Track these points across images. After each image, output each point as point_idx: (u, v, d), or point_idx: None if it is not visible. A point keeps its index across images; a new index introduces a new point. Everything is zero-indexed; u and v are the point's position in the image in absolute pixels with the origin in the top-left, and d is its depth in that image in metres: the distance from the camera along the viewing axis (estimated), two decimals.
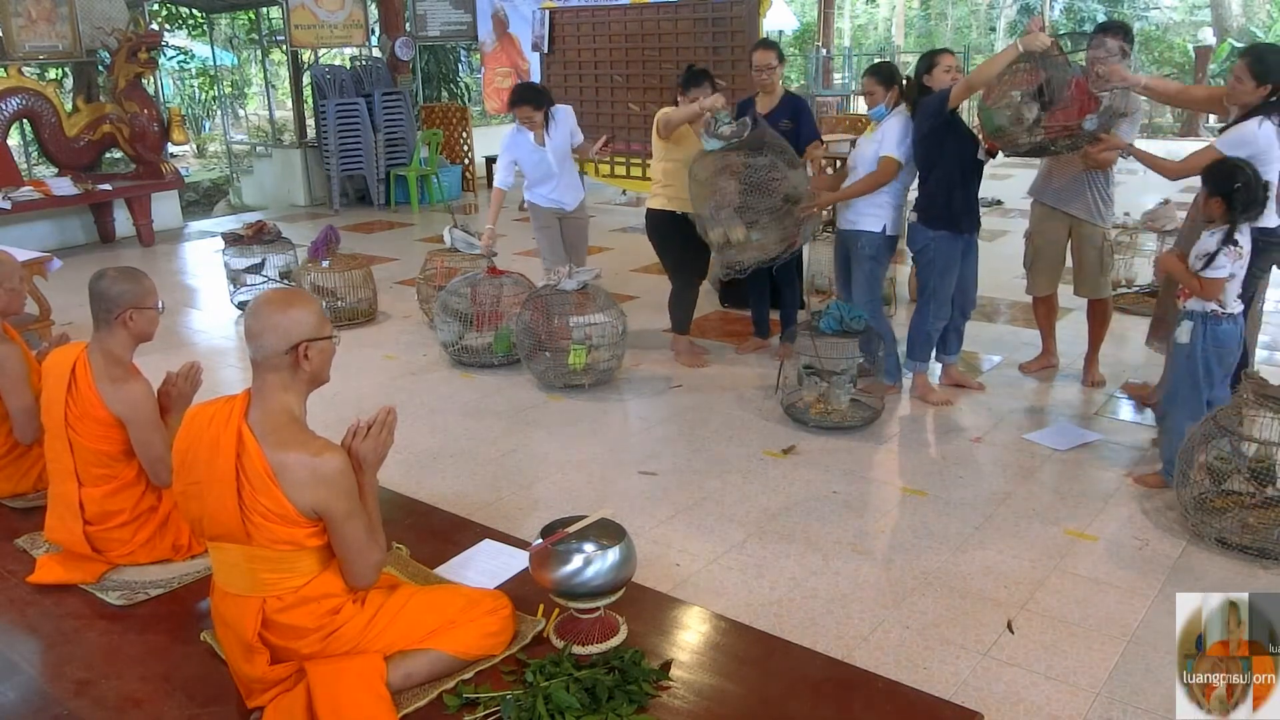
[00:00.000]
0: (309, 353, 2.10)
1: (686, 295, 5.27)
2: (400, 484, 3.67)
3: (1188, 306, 3.58)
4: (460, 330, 5.36)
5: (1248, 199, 3.44)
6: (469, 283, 5.33)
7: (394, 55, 11.00)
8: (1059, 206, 4.61)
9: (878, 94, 4.52)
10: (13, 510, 3.12)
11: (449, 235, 5.93)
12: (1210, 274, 3.45)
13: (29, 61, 9.00)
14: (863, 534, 3.48)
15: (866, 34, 26.66)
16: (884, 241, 4.58)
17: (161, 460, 2.69)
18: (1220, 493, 3.42)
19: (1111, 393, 4.77)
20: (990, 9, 25.03)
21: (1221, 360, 3.57)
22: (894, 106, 4.51)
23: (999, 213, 9.57)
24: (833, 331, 4.33)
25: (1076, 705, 2.56)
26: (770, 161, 4.61)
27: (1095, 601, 3.03)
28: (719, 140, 4.61)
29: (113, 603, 2.59)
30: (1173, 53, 20.85)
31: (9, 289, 3.19)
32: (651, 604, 2.51)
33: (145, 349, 2.81)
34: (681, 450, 4.23)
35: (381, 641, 2.16)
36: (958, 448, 4.21)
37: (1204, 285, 3.47)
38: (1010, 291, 6.58)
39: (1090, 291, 4.71)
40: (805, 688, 2.17)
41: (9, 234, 7.91)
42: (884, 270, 4.78)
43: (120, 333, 2.71)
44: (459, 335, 5.37)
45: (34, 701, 2.23)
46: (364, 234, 9.41)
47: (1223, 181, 3.46)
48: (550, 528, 2.36)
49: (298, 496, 2.03)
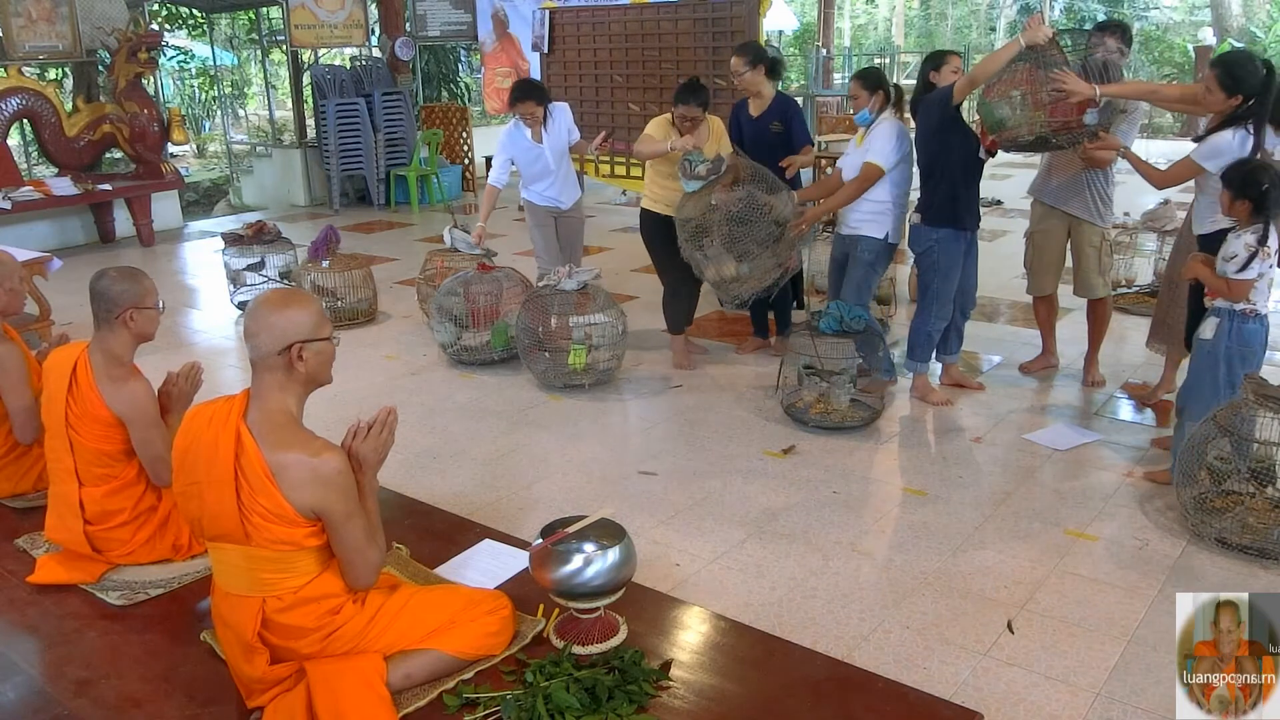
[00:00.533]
0: (303, 354, 2.09)
1: (679, 295, 5.23)
2: (400, 484, 3.67)
3: (1216, 304, 3.56)
4: (457, 332, 5.37)
5: (1278, 197, 3.41)
6: (461, 282, 5.34)
7: (394, 55, 11.00)
8: (1058, 205, 4.61)
9: (862, 98, 4.53)
10: (13, 510, 3.12)
11: (449, 235, 5.92)
12: (1242, 276, 3.44)
13: (29, 61, 9.00)
14: (863, 534, 3.48)
15: (866, 34, 26.66)
16: (884, 248, 4.60)
17: (161, 459, 2.69)
18: (1220, 493, 3.42)
19: (1111, 393, 4.77)
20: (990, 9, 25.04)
21: (1245, 360, 3.52)
22: (879, 112, 4.52)
23: (999, 213, 9.57)
24: (833, 331, 4.33)
25: (1076, 705, 2.56)
26: (748, 193, 4.61)
27: (1095, 601, 3.03)
28: (698, 180, 4.64)
29: (113, 603, 2.59)
30: (1173, 53, 20.86)
31: (9, 289, 3.19)
32: (651, 604, 2.51)
33: (145, 349, 2.81)
34: (681, 450, 4.23)
35: (381, 641, 2.16)
36: (958, 448, 4.21)
37: (1233, 287, 3.45)
38: (1010, 291, 6.58)
39: (1087, 291, 4.71)
40: (805, 688, 2.17)
41: (9, 234, 7.90)
42: (879, 277, 4.78)
43: (121, 332, 2.71)
44: (456, 336, 5.38)
45: (34, 701, 2.23)
46: (364, 234, 9.41)
47: (1249, 185, 3.43)
48: (550, 528, 2.36)
49: (296, 497, 2.03)
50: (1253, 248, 3.40)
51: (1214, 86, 3.73)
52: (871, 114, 4.52)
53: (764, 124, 5.03)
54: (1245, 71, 3.69)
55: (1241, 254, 3.41)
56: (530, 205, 5.50)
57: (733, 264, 4.66)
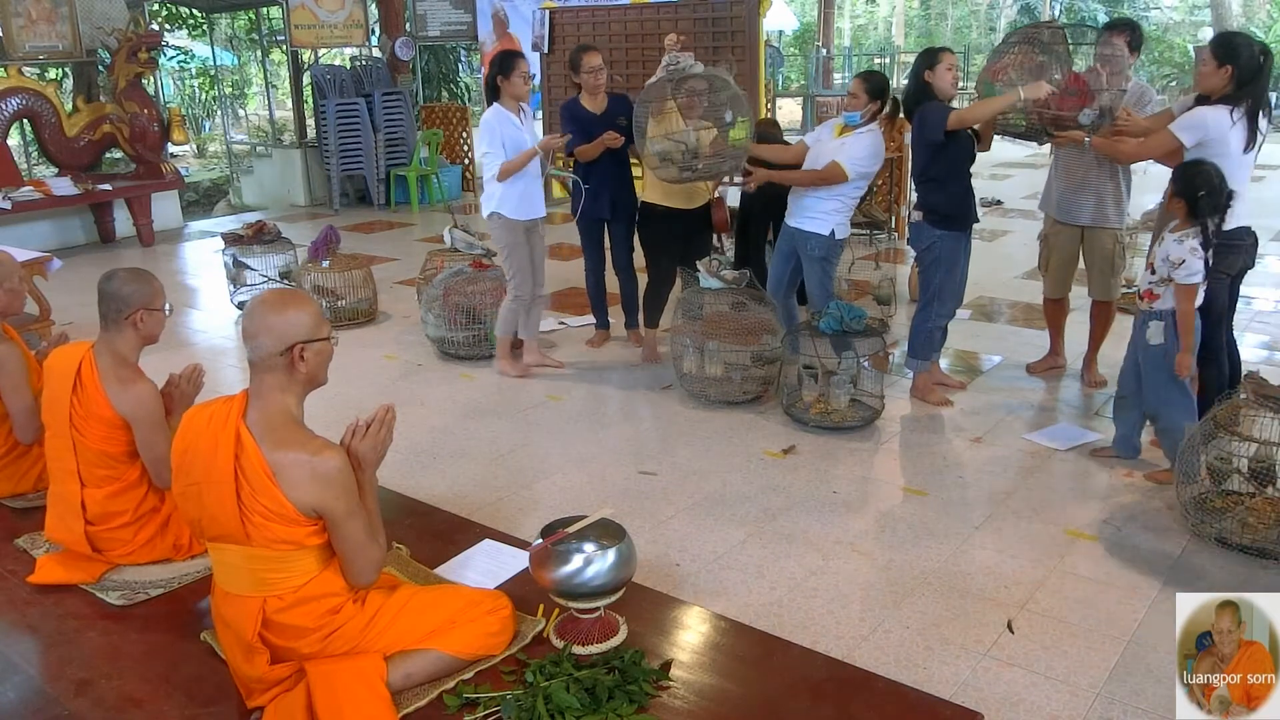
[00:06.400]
0: (305, 354, 2.10)
1: (664, 283, 5.25)
2: (400, 484, 3.67)
3: (1155, 307, 3.63)
4: (448, 328, 5.40)
5: (1211, 205, 3.49)
6: (454, 276, 5.35)
7: (394, 55, 11.00)
8: (1064, 220, 4.62)
9: (860, 99, 4.51)
10: (13, 510, 3.12)
11: (449, 235, 5.93)
12: (1186, 280, 3.49)
13: (29, 61, 9.00)
14: (863, 534, 3.48)
15: (866, 34, 26.68)
16: (832, 244, 4.62)
17: (164, 461, 2.68)
18: (1220, 493, 3.42)
19: (1111, 393, 4.76)
20: (990, 9, 25.06)
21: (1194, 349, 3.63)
22: (869, 121, 4.52)
23: (999, 213, 9.57)
24: (832, 332, 4.33)
25: (1076, 705, 2.56)
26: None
27: (1095, 601, 3.03)
28: (719, 281, 4.67)
29: (113, 603, 2.58)
30: (1173, 53, 20.87)
31: (9, 289, 3.19)
32: (651, 604, 2.51)
33: (146, 349, 2.81)
34: (681, 450, 4.23)
35: (382, 641, 2.16)
36: (958, 448, 4.21)
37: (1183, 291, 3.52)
38: (1010, 291, 6.58)
39: (1101, 293, 4.71)
40: (805, 688, 2.17)
41: (9, 234, 7.90)
42: (834, 268, 4.79)
43: (129, 333, 2.71)
44: (448, 331, 5.42)
45: (34, 701, 2.23)
46: (364, 234, 9.41)
47: (1187, 186, 3.51)
48: (550, 528, 2.36)
49: (297, 496, 2.03)
50: (1198, 252, 3.47)
51: (1208, 57, 3.72)
52: (861, 118, 4.51)
53: (611, 117, 5.06)
54: (1239, 43, 3.69)
55: (1191, 260, 3.47)
56: (507, 223, 4.84)
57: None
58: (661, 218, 5.11)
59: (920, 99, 4.33)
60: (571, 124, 5.10)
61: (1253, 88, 3.65)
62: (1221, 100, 3.68)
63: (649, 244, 5.28)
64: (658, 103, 4.81)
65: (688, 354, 4.76)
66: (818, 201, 4.57)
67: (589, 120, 5.09)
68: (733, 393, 4.69)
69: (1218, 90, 3.70)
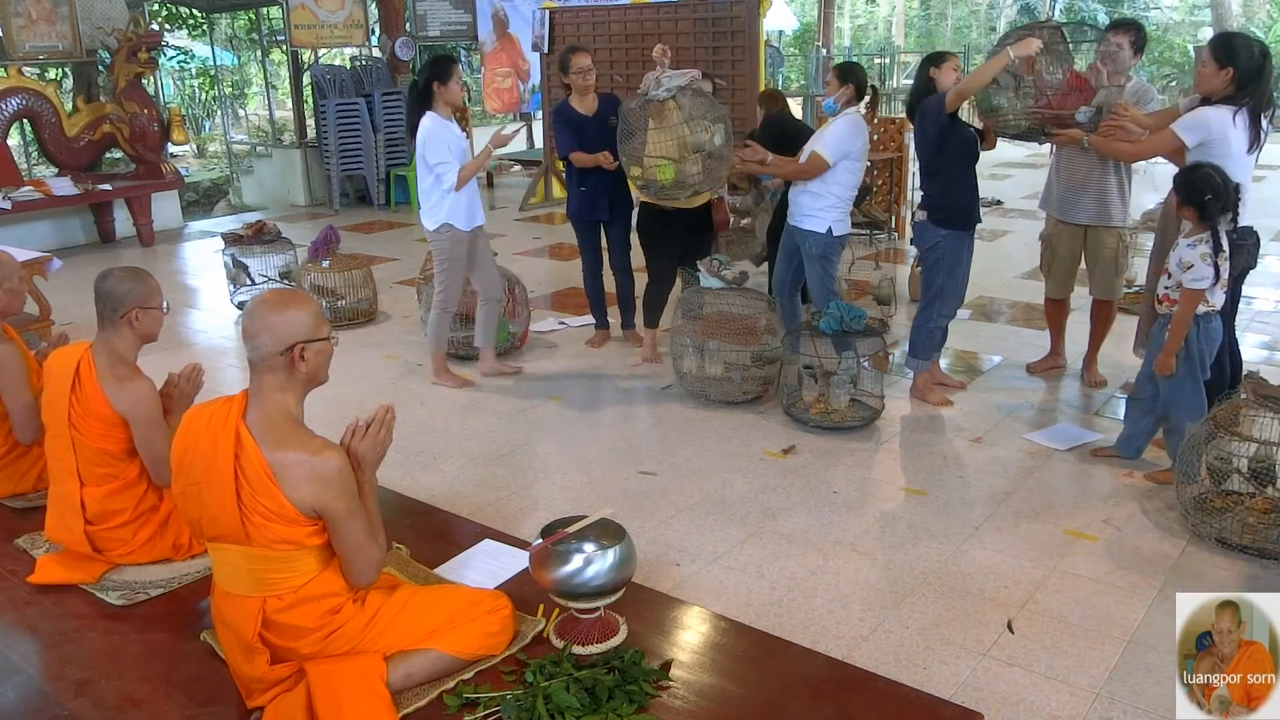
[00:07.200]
0: (305, 354, 2.10)
1: (663, 283, 5.26)
2: (400, 484, 3.67)
3: (1172, 312, 3.61)
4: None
5: (1221, 206, 3.49)
6: None
7: (394, 55, 11.00)
8: (1065, 219, 4.62)
9: (834, 85, 4.56)
10: (13, 510, 3.12)
11: None
12: (1192, 284, 3.49)
13: (29, 61, 9.00)
14: (863, 534, 3.48)
15: (866, 34, 26.67)
16: (830, 241, 4.62)
17: (163, 459, 2.68)
18: (1220, 493, 3.42)
19: (1111, 393, 4.77)
20: (990, 9, 25.06)
21: (1212, 352, 3.66)
22: (845, 106, 4.53)
23: (999, 213, 9.57)
24: (833, 332, 4.33)
25: (1076, 705, 2.56)
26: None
27: (1095, 601, 3.03)
28: (719, 280, 4.68)
29: (113, 603, 2.58)
30: (1173, 53, 20.87)
31: (9, 289, 3.19)
32: (651, 604, 2.51)
33: (146, 348, 2.81)
34: (681, 450, 4.23)
35: (382, 641, 2.16)
36: (958, 448, 4.21)
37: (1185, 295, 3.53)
38: (1010, 291, 6.58)
39: (1104, 293, 4.71)
40: (805, 688, 2.17)
41: (9, 234, 7.90)
42: (835, 267, 4.79)
43: (125, 332, 2.71)
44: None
45: (34, 701, 2.23)
46: (364, 234, 9.41)
47: (1191, 192, 3.51)
48: (550, 528, 2.36)
49: (297, 496, 2.03)
50: (1209, 258, 3.47)
51: (1208, 59, 3.71)
52: (836, 104, 4.53)
53: (601, 119, 5.06)
54: (1238, 44, 3.68)
55: (1200, 265, 3.47)
56: (455, 233, 4.72)
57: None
58: (661, 217, 5.12)
59: (924, 95, 4.36)
60: (564, 127, 5.14)
61: (1254, 88, 3.65)
62: (1223, 101, 3.68)
63: (648, 244, 5.28)
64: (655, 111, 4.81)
65: (688, 354, 4.76)
66: (813, 199, 4.58)
67: (580, 122, 5.11)
68: (733, 393, 4.70)
69: (1218, 92, 3.69)
